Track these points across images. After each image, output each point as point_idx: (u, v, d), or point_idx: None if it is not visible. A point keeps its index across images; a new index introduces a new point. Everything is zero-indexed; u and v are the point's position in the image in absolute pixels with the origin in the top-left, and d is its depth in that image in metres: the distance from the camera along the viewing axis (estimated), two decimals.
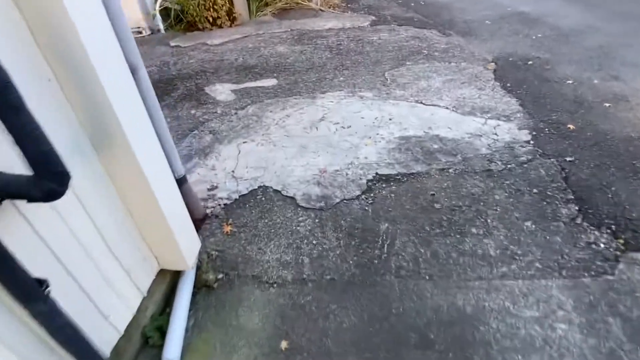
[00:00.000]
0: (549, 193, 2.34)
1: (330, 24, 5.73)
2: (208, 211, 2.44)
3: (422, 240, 2.10)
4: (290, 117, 3.34)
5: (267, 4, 6.51)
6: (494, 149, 2.78)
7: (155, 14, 5.79)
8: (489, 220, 2.18)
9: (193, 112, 3.54)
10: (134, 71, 1.34)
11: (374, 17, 5.98)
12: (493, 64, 4.20)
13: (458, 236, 2.11)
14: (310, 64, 4.37)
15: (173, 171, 1.67)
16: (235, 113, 3.47)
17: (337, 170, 2.68)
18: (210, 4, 5.67)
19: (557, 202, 2.28)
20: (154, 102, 1.48)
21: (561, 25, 5.14)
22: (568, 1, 6.07)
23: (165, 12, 5.93)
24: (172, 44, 5.34)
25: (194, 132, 3.24)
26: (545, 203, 2.27)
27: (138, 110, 1.38)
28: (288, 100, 3.63)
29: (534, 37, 4.86)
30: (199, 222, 2.04)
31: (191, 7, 5.69)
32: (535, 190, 2.37)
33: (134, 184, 1.42)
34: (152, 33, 5.91)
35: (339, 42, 4.96)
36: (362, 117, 3.26)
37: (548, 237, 2.06)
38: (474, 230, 2.13)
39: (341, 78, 4.03)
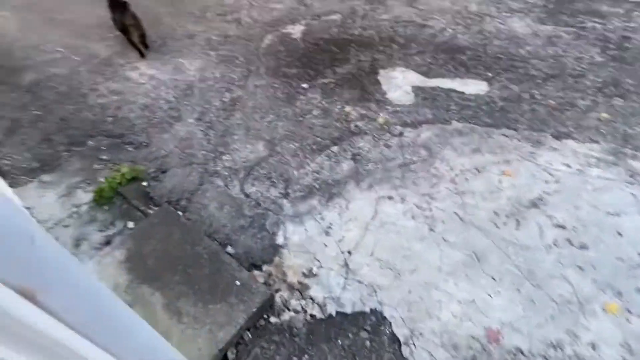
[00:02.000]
0: None
1: None
2: (286, 317, 1.59)
3: None
4: (480, 175, 2.01)
5: None
6: None
7: None
8: None
9: (348, 110, 2.52)
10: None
11: None
12: None
13: None
14: (559, 68, 2.65)
15: None
16: (400, 134, 2.30)
17: (522, 353, 1.40)
18: None
19: None
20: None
21: None
22: None
23: None
24: None
25: (333, 148, 2.28)
26: None
27: None
28: (491, 134, 2.23)
29: None
30: None
31: None
32: None
33: None
34: None
35: (624, 33, 2.92)
36: (620, 233, 1.69)
37: None
38: None
39: (604, 114, 2.29)
